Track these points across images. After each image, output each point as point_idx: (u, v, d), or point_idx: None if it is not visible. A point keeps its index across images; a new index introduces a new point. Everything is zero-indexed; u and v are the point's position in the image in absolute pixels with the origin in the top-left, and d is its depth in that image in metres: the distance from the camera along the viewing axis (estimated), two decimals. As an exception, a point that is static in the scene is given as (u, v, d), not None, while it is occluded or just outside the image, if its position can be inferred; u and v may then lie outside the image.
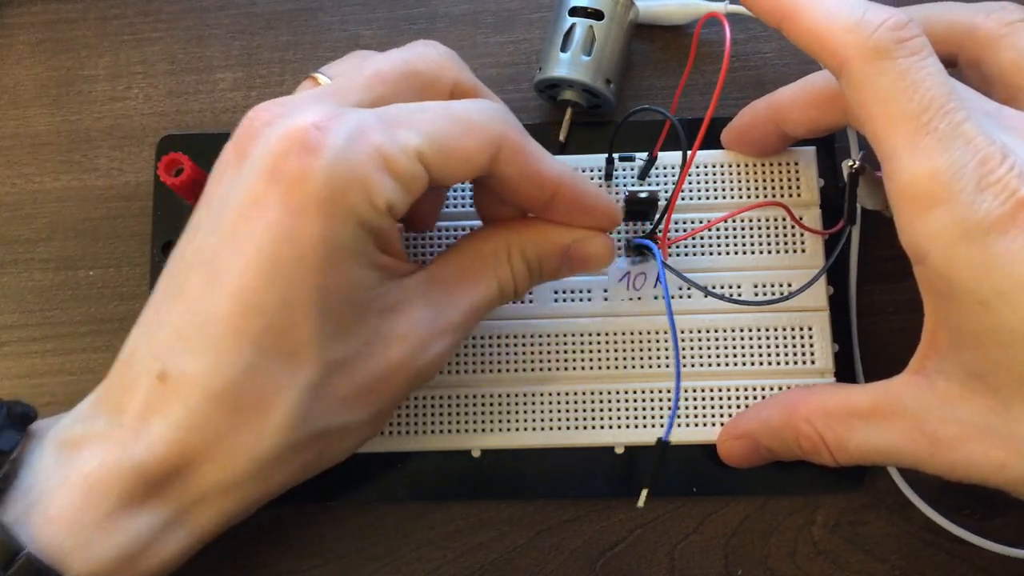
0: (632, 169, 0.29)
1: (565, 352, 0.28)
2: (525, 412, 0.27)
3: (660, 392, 0.27)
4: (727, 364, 0.27)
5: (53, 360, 0.30)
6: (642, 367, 0.27)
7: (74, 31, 0.32)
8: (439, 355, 0.23)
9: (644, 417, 0.27)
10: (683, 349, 0.27)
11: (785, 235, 0.28)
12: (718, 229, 0.28)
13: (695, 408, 0.27)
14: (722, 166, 0.29)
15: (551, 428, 0.27)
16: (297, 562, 0.28)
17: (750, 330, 0.27)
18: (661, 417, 0.27)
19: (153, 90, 0.32)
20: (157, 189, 0.30)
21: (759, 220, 0.28)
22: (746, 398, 0.27)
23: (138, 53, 0.32)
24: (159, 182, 0.29)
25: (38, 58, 0.32)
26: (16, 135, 0.32)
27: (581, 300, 0.28)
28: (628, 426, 0.27)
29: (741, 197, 0.28)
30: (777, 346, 0.27)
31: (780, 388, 0.27)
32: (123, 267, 0.30)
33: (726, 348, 0.27)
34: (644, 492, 0.25)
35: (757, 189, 0.28)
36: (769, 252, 0.28)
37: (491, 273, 0.23)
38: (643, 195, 0.27)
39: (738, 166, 0.29)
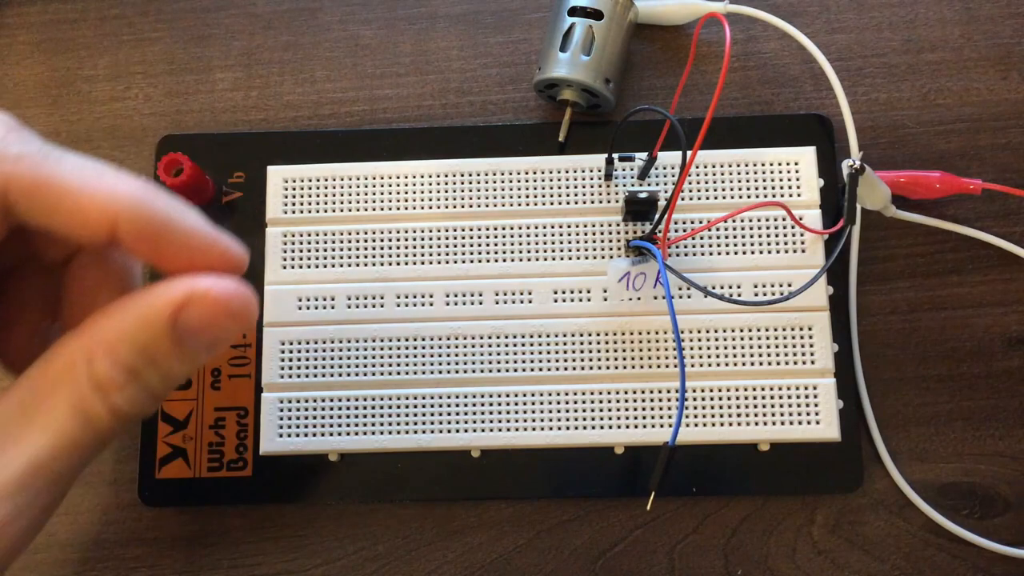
0: (632, 169, 0.29)
1: (565, 352, 0.28)
2: (525, 412, 0.27)
3: (660, 392, 0.27)
4: (727, 364, 0.27)
5: (53, 360, 0.30)
6: (642, 367, 0.27)
7: (74, 31, 0.32)
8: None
9: (644, 417, 0.27)
10: (683, 349, 0.27)
11: (785, 235, 0.28)
12: (718, 229, 0.28)
13: (695, 408, 0.27)
14: (722, 166, 0.29)
15: (551, 428, 0.27)
16: (297, 562, 0.28)
17: (750, 330, 0.27)
18: (661, 417, 0.27)
19: (153, 90, 0.32)
20: (157, 189, 0.30)
21: (759, 220, 0.28)
22: (746, 398, 0.27)
23: (138, 53, 0.32)
24: (159, 182, 0.29)
25: (38, 58, 0.32)
26: (16, 135, 0.32)
27: (581, 300, 0.28)
28: (628, 426, 0.27)
29: (741, 197, 0.28)
30: (777, 346, 0.27)
31: (780, 388, 0.27)
32: (123, 267, 0.30)
33: (726, 348, 0.27)
34: (652, 496, 0.25)
35: (757, 189, 0.28)
36: (769, 252, 0.28)
37: (62, 402, 0.16)
38: (643, 195, 0.27)
39: (738, 166, 0.29)
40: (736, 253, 0.28)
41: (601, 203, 0.29)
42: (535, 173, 0.29)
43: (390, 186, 0.29)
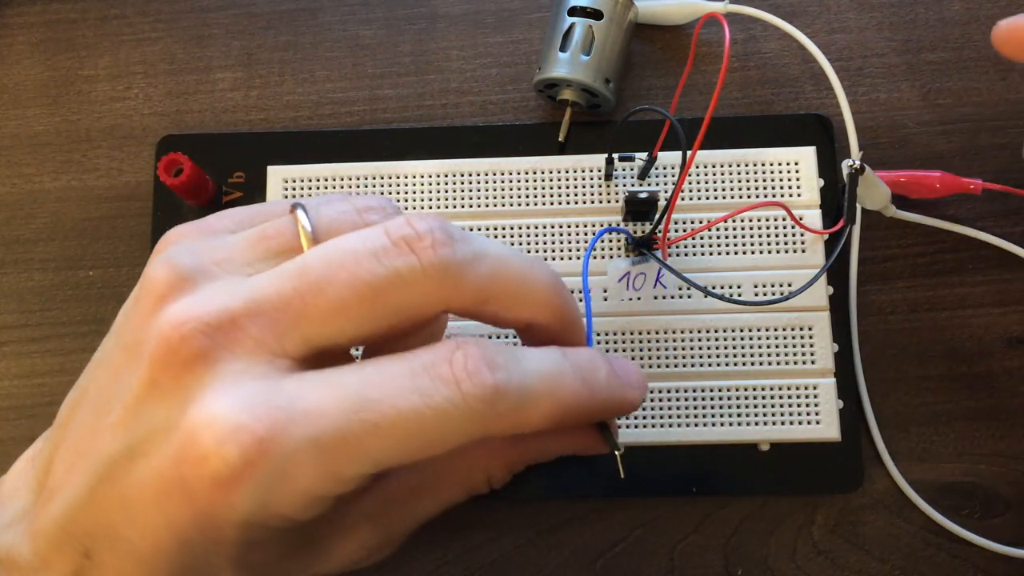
0: (632, 169, 0.29)
1: (565, 352, 0.27)
2: (525, 412, 0.27)
3: (660, 392, 0.27)
4: (727, 364, 0.27)
5: (53, 360, 0.30)
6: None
7: (74, 31, 0.32)
8: (375, 561, 0.22)
9: (644, 417, 0.27)
10: (683, 349, 0.27)
11: (785, 235, 0.28)
12: (718, 229, 0.28)
13: (695, 408, 0.27)
14: (722, 166, 0.29)
15: (551, 428, 0.27)
16: (297, 562, 0.28)
17: (750, 330, 0.27)
18: (661, 417, 0.27)
19: (153, 90, 0.32)
20: (157, 189, 0.30)
21: (759, 220, 0.28)
22: (746, 398, 0.27)
23: (138, 53, 0.32)
24: (159, 182, 0.29)
25: (38, 58, 0.32)
26: (16, 135, 0.32)
27: (581, 300, 0.28)
28: (628, 426, 0.27)
29: (741, 197, 0.28)
30: (777, 346, 0.27)
31: (780, 388, 0.27)
32: (123, 267, 0.30)
33: (726, 348, 0.27)
34: (619, 458, 0.23)
35: (757, 189, 0.28)
36: (769, 252, 0.28)
37: (459, 487, 0.22)
38: (643, 195, 0.27)
39: (738, 166, 0.29)
40: (736, 253, 0.28)
41: (601, 203, 0.29)
42: (535, 173, 0.29)
43: (390, 186, 0.29)
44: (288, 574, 0.20)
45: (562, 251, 0.28)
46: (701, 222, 0.28)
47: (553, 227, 0.28)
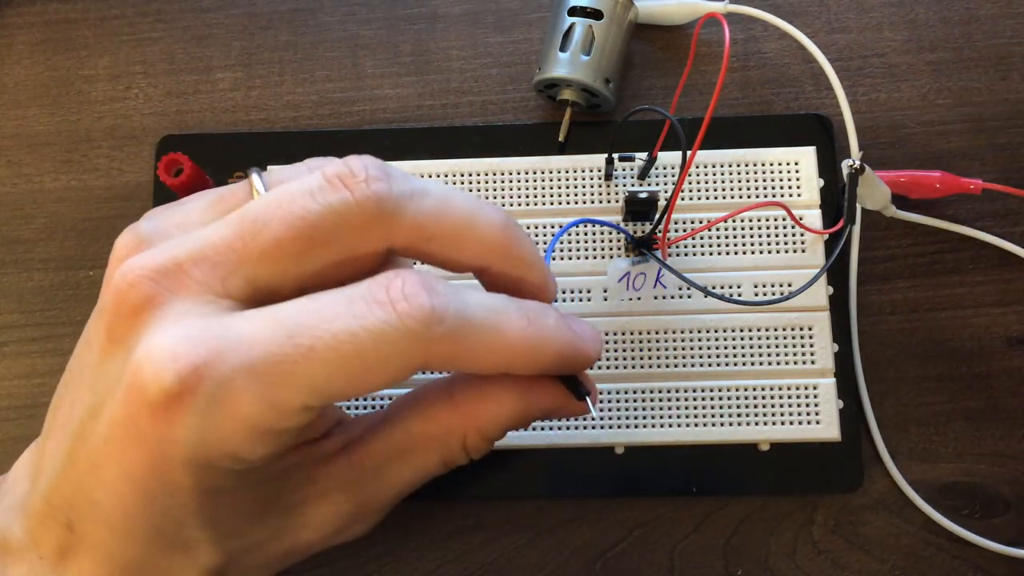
0: (632, 169, 0.29)
1: (565, 352, 0.27)
2: (525, 412, 0.27)
3: (660, 392, 0.27)
4: (727, 364, 0.27)
5: (53, 360, 0.30)
6: (642, 367, 0.27)
7: (74, 31, 0.32)
8: (356, 535, 0.22)
9: (644, 417, 0.27)
10: (683, 349, 0.27)
11: (785, 235, 0.28)
12: (718, 229, 0.28)
13: (695, 408, 0.27)
14: (722, 166, 0.29)
15: (551, 428, 0.27)
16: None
17: (750, 330, 0.27)
18: (661, 417, 0.27)
19: (153, 90, 0.32)
20: (157, 189, 0.30)
21: (759, 220, 0.28)
22: (746, 398, 0.27)
23: (138, 53, 0.32)
24: (159, 182, 0.29)
25: (38, 58, 0.32)
26: (16, 135, 0.32)
27: (581, 300, 0.28)
28: (628, 426, 0.27)
29: (741, 197, 0.28)
30: (777, 346, 0.27)
31: (780, 388, 0.27)
32: (123, 267, 0.30)
33: (726, 348, 0.27)
34: (589, 402, 0.22)
35: (757, 189, 0.28)
36: (769, 252, 0.28)
37: (434, 454, 0.21)
38: (643, 195, 0.27)
39: (738, 166, 0.29)
40: (736, 253, 0.28)
41: (601, 203, 0.29)
42: (535, 173, 0.29)
43: (390, 186, 0.29)
44: (263, 543, 0.20)
45: (562, 251, 0.28)
46: (701, 222, 0.28)
47: (553, 227, 0.28)
